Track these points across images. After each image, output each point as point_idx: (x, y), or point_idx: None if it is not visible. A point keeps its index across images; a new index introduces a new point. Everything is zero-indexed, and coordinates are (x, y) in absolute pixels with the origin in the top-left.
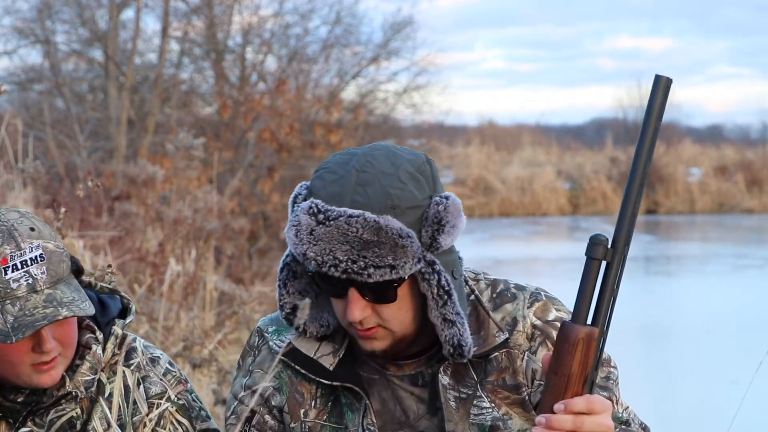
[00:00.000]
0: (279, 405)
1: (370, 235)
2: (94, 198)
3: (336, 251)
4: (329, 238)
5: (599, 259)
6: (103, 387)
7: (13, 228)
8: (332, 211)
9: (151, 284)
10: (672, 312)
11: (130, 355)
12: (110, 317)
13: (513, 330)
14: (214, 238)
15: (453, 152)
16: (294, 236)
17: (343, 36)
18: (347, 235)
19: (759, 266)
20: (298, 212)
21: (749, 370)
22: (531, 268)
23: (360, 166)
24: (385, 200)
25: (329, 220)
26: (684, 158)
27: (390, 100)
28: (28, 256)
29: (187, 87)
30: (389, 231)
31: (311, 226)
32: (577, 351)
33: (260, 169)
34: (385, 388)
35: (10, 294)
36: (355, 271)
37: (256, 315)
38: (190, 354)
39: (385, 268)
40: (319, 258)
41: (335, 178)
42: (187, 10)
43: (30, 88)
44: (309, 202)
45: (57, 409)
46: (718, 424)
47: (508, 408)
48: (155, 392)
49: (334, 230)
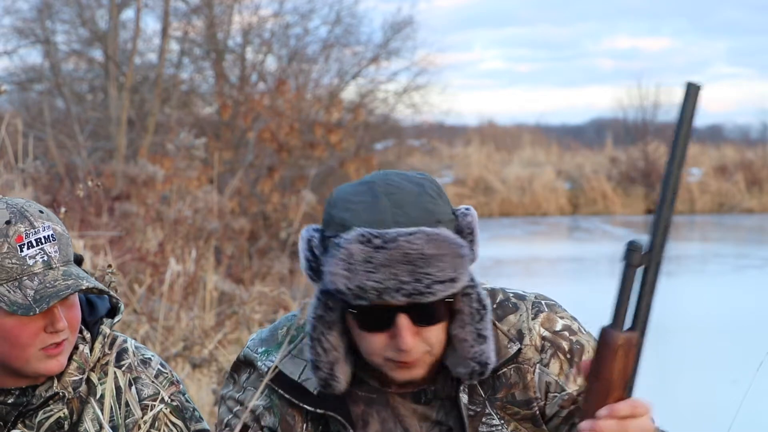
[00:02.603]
0: (272, 426)
1: (432, 250)
2: (94, 198)
3: (400, 274)
4: (390, 261)
5: (636, 265)
6: (94, 388)
7: (23, 209)
8: (387, 233)
9: (151, 284)
10: (672, 312)
11: (122, 356)
12: (98, 317)
13: (522, 344)
14: (214, 238)
15: (453, 152)
16: (345, 271)
17: (343, 36)
18: (409, 254)
19: (759, 266)
20: (345, 245)
21: (749, 370)
22: (531, 268)
23: (385, 191)
24: (427, 216)
25: (387, 243)
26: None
27: (390, 100)
28: (42, 235)
29: (187, 87)
30: (449, 241)
31: (368, 254)
32: (618, 356)
33: (260, 169)
34: (384, 407)
35: (27, 270)
36: (420, 291)
37: (256, 315)
38: (190, 354)
39: (448, 283)
40: (381, 285)
41: (365, 206)
42: (187, 10)
43: (30, 88)
44: (356, 231)
45: (45, 410)
46: (718, 424)
47: (517, 424)
48: (148, 394)
49: (395, 252)
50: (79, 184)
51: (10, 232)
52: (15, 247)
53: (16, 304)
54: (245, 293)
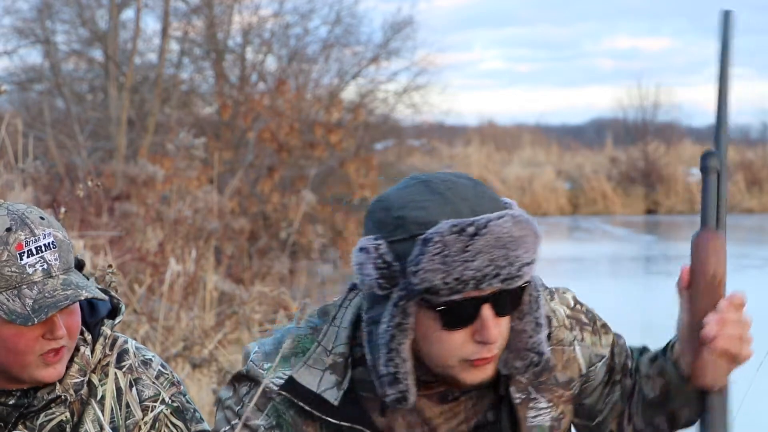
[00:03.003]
0: None
1: (519, 231)
2: (94, 198)
3: (497, 259)
4: (486, 247)
5: (716, 170)
6: (95, 389)
7: (24, 216)
8: (478, 220)
9: (151, 284)
10: (672, 312)
11: (122, 357)
12: (99, 318)
13: (551, 327)
14: (214, 238)
15: (453, 152)
16: (442, 265)
17: (343, 36)
18: (501, 238)
19: (759, 266)
20: (438, 238)
21: (749, 369)
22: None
23: (444, 186)
24: (496, 203)
25: (480, 229)
26: (684, 158)
27: (390, 100)
28: (42, 242)
29: (187, 87)
30: (531, 223)
31: (464, 243)
32: (720, 253)
33: (260, 169)
34: (410, 412)
35: (26, 279)
36: (512, 275)
37: (256, 315)
38: (190, 354)
39: (531, 265)
40: (480, 273)
41: (437, 202)
42: (187, 10)
43: (30, 88)
44: (447, 223)
45: (47, 413)
46: None
47: (563, 406)
48: (148, 395)
49: (489, 237)
50: (79, 184)
51: (11, 240)
52: (15, 255)
53: (15, 313)
54: (245, 293)
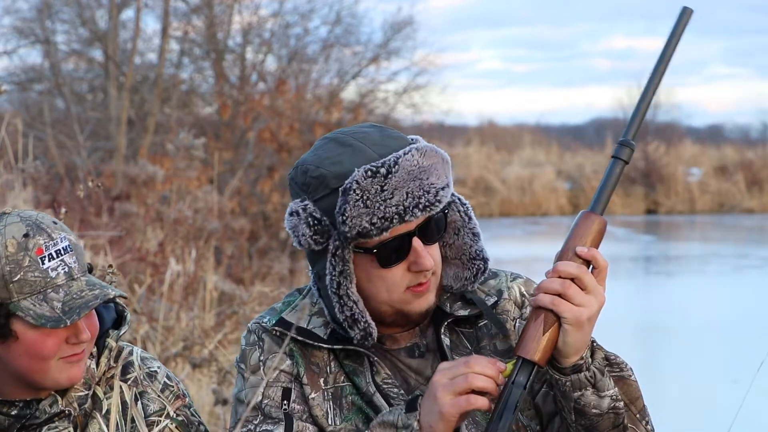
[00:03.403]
0: (299, 376)
1: (427, 161)
2: (94, 198)
3: (412, 191)
4: (402, 181)
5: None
6: (99, 402)
7: (39, 221)
8: (387, 160)
9: (151, 284)
10: (672, 312)
11: (127, 369)
12: (104, 329)
13: (500, 299)
14: (214, 238)
15: (453, 152)
16: (365, 207)
17: (343, 36)
18: (412, 171)
19: (759, 266)
20: (356, 186)
21: (750, 369)
22: (531, 268)
23: (351, 140)
24: (403, 140)
25: (392, 167)
26: (684, 158)
27: (390, 100)
28: (60, 246)
29: (187, 87)
30: (436, 150)
31: (380, 183)
32: (598, 236)
33: (260, 169)
34: (382, 359)
35: (51, 283)
36: (431, 201)
37: (256, 315)
38: (190, 354)
39: (446, 188)
40: (401, 207)
41: (348, 154)
42: (187, 10)
43: (30, 88)
44: (361, 169)
45: (50, 427)
46: (718, 424)
47: None
48: (154, 409)
49: (402, 173)
50: (79, 184)
51: (30, 245)
52: (36, 260)
53: (44, 317)
54: (245, 293)
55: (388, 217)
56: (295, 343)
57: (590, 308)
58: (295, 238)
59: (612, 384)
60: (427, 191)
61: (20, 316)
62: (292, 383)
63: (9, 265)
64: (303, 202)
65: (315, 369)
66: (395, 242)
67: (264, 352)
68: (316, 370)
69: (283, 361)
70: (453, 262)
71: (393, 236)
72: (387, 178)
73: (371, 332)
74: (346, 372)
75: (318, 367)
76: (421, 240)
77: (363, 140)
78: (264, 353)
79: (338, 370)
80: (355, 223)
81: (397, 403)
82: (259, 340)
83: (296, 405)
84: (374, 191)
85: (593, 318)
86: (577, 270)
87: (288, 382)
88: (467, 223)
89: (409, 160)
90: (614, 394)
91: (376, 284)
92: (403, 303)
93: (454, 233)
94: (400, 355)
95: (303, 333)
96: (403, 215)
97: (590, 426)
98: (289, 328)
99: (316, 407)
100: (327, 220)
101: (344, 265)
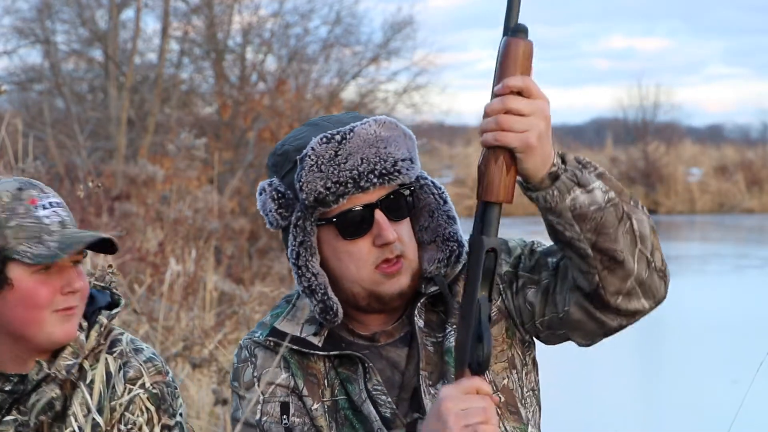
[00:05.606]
0: (297, 388)
1: (386, 132)
2: (94, 198)
3: (367, 157)
4: (357, 148)
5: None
6: (85, 373)
7: (31, 180)
8: (343, 128)
9: (151, 284)
10: (672, 311)
11: (114, 344)
12: (96, 307)
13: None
14: (214, 238)
15: (453, 152)
16: (319, 172)
17: (343, 36)
18: (368, 138)
19: (759, 266)
20: (311, 153)
21: (750, 369)
22: None
23: (318, 120)
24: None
25: (347, 134)
26: (684, 158)
27: (390, 100)
28: (53, 200)
29: (187, 87)
30: (396, 124)
31: (334, 149)
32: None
33: (260, 169)
34: (378, 359)
35: (45, 228)
36: (388, 170)
37: (256, 315)
38: (190, 354)
39: (408, 161)
40: (355, 172)
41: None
42: (187, 10)
43: (30, 88)
44: (316, 137)
45: (38, 392)
46: (718, 424)
47: None
48: (131, 376)
49: (358, 139)
50: (79, 184)
51: (23, 196)
52: (30, 208)
53: (40, 256)
54: (245, 293)
55: (342, 182)
56: (292, 354)
57: (535, 128)
58: (266, 217)
59: (594, 177)
60: (384, 159)
61: (17, 259)
62: (290, 396)
63: (4, 213)
64: (270, 179)
65: (313, 380)
66: (357, 214)
67: (257, 368)
68: (314, 381)
69: (277, 375)
70: (429, 247)
71: (353, 206)
72: (341, 144)
73: (331, 305)
74: (341, 380)
75: (316, 378)
76: (384, 214)
77: (328, 119)
78: (257, 369)
79: (335, 379)
80: (311, 189)
81: (384, 411)
82: (251, 356)
83: (296, 418)
84: (328, 156)
85: (543, 134)
86: (505, 103)
87: (285, 396)
88: (442, 206)
89: (365, 129)
90: (601, 186)
91: (344, 260)
92: (374, 284)
93: (429, 215)
94: (397, 347)
95: (297, 342)
96: (358, 180)
97: (597, 228)
98: (283, 337)
99: (319, 417)
100: (290, 193)
101: (305, 236)
